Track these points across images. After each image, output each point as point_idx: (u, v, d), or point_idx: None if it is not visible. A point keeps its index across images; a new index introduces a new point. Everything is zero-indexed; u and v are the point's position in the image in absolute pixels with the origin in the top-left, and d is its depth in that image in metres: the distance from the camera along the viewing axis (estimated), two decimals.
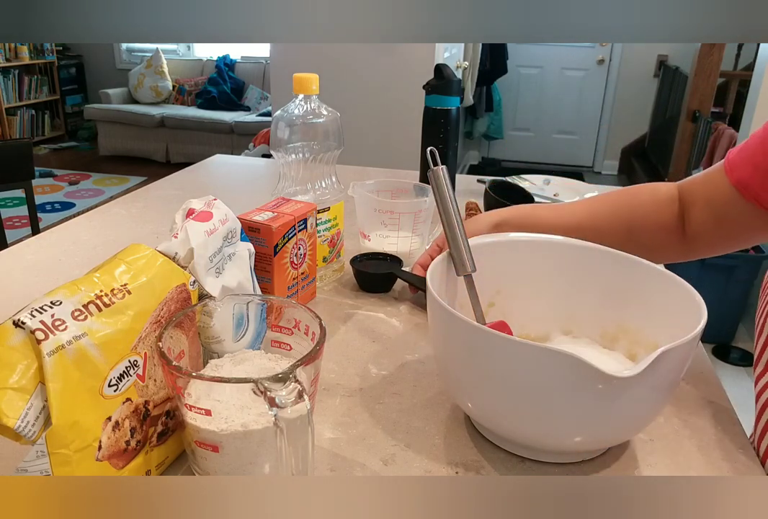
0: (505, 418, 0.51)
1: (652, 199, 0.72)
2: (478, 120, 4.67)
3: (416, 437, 0.55)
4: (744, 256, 2.36)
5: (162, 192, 1.22)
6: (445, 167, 0.61)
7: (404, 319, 0.76)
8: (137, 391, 0.45)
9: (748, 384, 2.22)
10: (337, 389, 0.62)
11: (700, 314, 0.49)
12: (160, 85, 5.06)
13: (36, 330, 0.38)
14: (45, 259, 0.90)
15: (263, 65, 5.03)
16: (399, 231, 0.84)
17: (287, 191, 0.81)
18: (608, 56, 4.67)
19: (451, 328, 0.50)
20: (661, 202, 0.72)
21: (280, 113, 0.78)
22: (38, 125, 5.33)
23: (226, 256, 0.57)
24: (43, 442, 0.39)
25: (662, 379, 0.46)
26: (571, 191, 1.29)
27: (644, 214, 0.72)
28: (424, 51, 2.22)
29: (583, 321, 0.63)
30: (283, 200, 0.75)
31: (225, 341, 0.53)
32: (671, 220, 0.71)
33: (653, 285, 0.57)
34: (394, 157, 2.29)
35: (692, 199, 0.70)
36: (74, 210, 3.81)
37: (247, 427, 0.44)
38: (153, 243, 0.50)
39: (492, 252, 0.62)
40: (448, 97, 1.03)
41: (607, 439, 0.52)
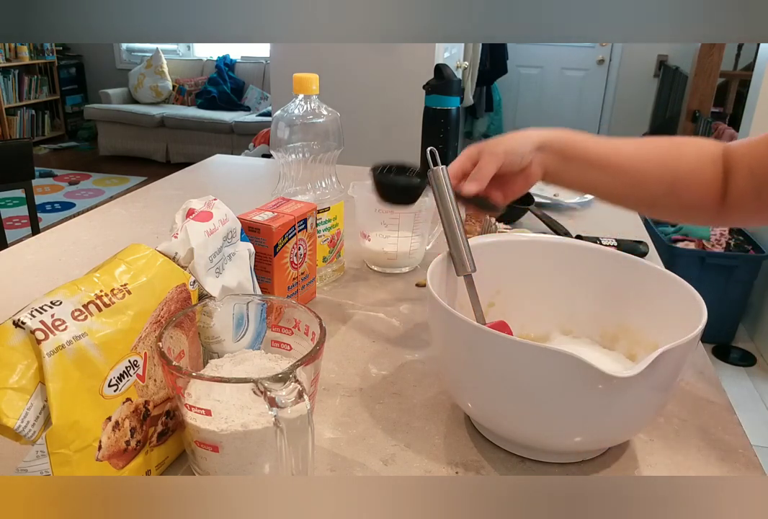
0: (505, 418, 0.50)
1: (697, 156, 0.67)
2: (478, 120, 4.66)
3: (416, 437, 0.55)
4: (744, 256, 2.35)
5: (162, 192, 1.22)
6: (446, 167, 0.61)
7: (404, 319, 0.76)
8: (137, 391, 0.45)
9: (748, 384, 2.22)
10: (337, 389, 0.62)
11: (700, 314, 0.49)
12: (160, 85, 5.06)
13: (36, 330, 0.38)
14: (45, 259, 0.90)
15: (263, 65, 5.03)
16: (399, 231, 0.84)
17: (287, 191, 0.81)
18: (608, 56, 4.67)
19: (451, 328, 0.50)
20: (705, 160, 0.67)
21: (280, 113, 0.78)
22: (38, 125, 5.33)
23: (226, 256, 0.57)
24: (43, 442, 0.39)
25: (662, 379, 0.46)
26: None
27: (690, 169, 0.67)
28: (424, 51, 2.22)
29: (583, 321, 0.63)
30: (283, 200, 0.75)
31: (225, 341, 0.53)
32: (713, 181, 0.67)
33: (653, 285, 0.57)
34: (394, 157, 2.28)
35: (736, 165, 0.65)
36: (74, 210, 3.81)
37: (247, 427, 0.44)
38: (153, 243, 0.50)
39: (492, 252, 0.62)
40: (448, 97, 1.03)
41: (607, 439, 0.52)
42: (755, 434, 1.83)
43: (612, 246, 0.95)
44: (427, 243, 0.92)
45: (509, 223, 1.07)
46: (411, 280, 0.86)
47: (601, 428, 0.49)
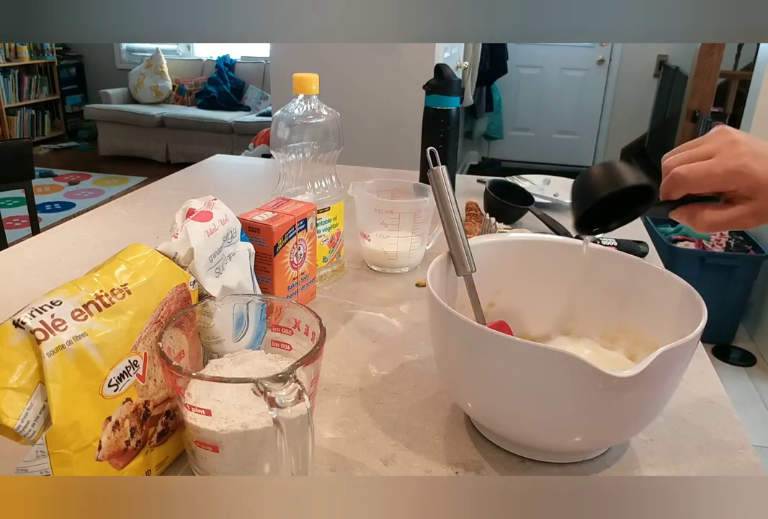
0: (505, 418, 0.50)
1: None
2: (478, 120, 4.66)
3: (416, 437, 0.55)
4: (744, 256, 2.35)
5: (162, 192, 1.22)
6: (445, 167, 0.61)
7: (404, 319, 0.76)
8: (137, 391, 0.45)
9: (748, 384, 2.22)
10: (337, 389, 0.62)
11: (700, 314, 0.49)
12: (160, 85, 5.06)
13: (36, 330, 0.38)
14: (45, 259, 0.90)
15: (263, 65, 5.03)
16: (399, 231, 0.84)
17: (287, 191, 0.81)
18: (608, 56, 4.67)
19: (451, 328, 0.50)
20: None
21: (280, 113, 0.78)
22: (38, 125, 5.33)
23: (226, 256, 0.57)
24: (43, 442, 0.39)
25: (662, 379, 0.46)
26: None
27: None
28: (424, 51, 2.22)
29: (583, 321, 0.63)
30: (283, 200, 0.75)
31: (225, 341, 0.53)
32: None
33: (653, 285, 0.57)
34: (394, 157, 2.29)
35: None
36: (74, 210, 3.81)
37: (247, 427, 0.44)
38: (153, 243, 0.50)
39: (492, 252, 0.62)
40: (448, 97, 1.03)
41: (607, 439, 0.52)
42: (755, 434, 1.82)
43: (612, 246, 0.95)
44: (427, 243, 0.92)
45: (509, 223, 1.07)
46: (411, 280, 0.86)
47: (601, 428, 0.49)
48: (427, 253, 0.92)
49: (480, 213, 1.09)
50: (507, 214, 1.07)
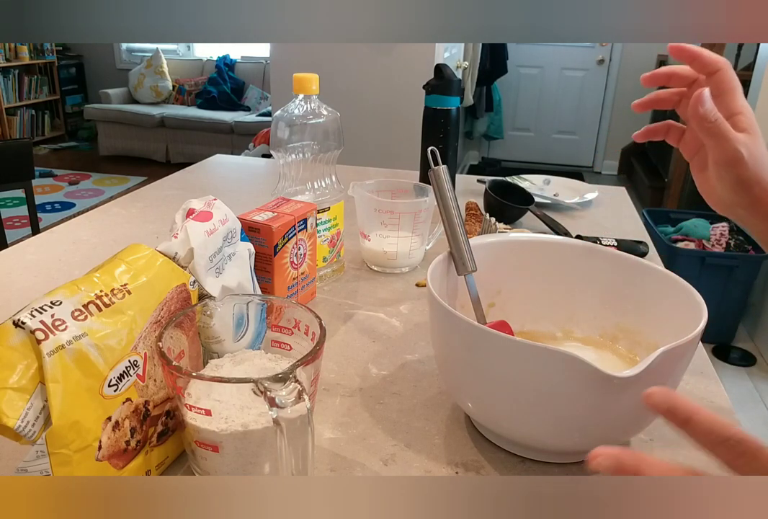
0: (505, 418, 0.50)
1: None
2: (478, 120, 4.66)
3: (416, 437, 0.55)
4: (744, 256, 2.35)
5: (162, 192, 1.22)
6: (446, 167, 0.61)
7: (404, 319, 0.76)
8: (137, 391, 0.45)
9: (748, 384, 2.22)
10: (337, 389, 0.62)
11: (700, 314, 0.49)
12: (160, 85, 5.06)
13: (36, 330, 0.38)
14: (45, 259, 0.90)
15: (263, 65, 5.03)
16: (399, 231, 0.84)
17: (287, 191, 0.81)
18: (608, 56, 4.67)
19: (451, 328, 0.50)
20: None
21: (280, 113, 0.78)
22: (38, 125, 5.33)
23: (226, 256, 0.57)
24: (43, 442, 0.39)
25: (662, 379, 0.46)
26: (571, 191, 1.29)
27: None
28: (424, 51, 2.22)
29: (583, 321, 0.63)
30: (283, 200, 0.75)
31: (225, 341, 0.53)
32: None
33: (653, 285, 0.57)
34: (394, 157, 2.29)
35: None
36: (74, 210, 3.81)
37: (247, 427, 0.44)
38: (153, 243, 0.50)
39: (492, 252, 0.62)
40: (448, 97, 1.03)
41: (607, 439, 0.52)
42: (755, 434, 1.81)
43: (612, 246, 0.95)
44: (427, 243, 0.92)
45: (509, 223, 1.07)
46: (411, 280, 0.86)
47: (601, 428, 0.49)
48: (427, 253, 0.92)
49: (480, 213, 1.09)
50: (507, 214, 1.07)
